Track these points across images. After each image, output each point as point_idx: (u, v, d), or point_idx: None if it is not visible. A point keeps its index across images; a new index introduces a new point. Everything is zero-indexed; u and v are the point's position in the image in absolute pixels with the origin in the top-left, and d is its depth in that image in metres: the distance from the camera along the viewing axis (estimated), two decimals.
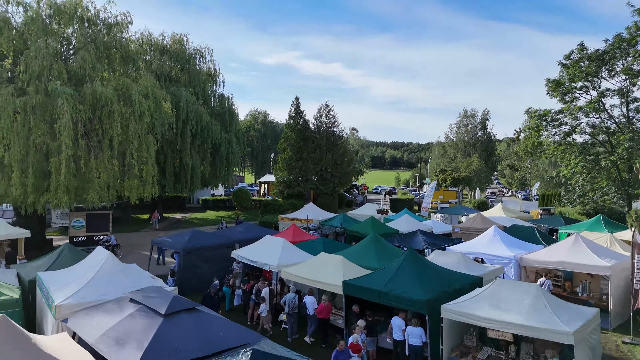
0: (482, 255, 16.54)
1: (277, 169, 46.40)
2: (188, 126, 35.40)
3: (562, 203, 32.88)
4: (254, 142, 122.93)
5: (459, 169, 71.02)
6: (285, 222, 26.28)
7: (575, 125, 30.65)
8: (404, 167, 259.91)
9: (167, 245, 18.93)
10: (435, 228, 23.37)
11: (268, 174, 62.57)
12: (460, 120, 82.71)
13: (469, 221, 22.53)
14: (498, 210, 28.46)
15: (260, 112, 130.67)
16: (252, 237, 20.43)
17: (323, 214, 26.45)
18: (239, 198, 44.68)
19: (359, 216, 28.68)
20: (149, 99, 26.56)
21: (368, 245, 15.49)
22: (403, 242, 19.48)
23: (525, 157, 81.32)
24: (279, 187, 44.91)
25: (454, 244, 19.47)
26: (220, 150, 38.95)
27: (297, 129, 45.65)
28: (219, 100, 42.60)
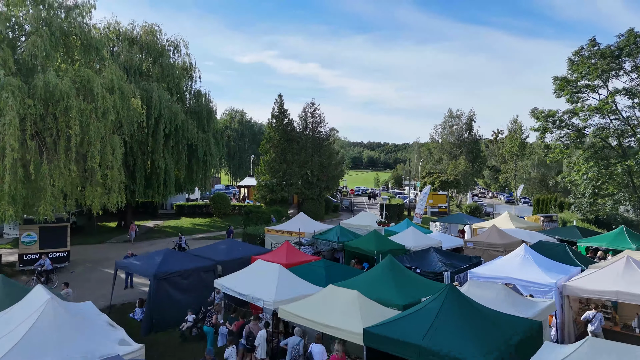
0: (514, 281, 14.06)
1: (259, 172, 43.33)
2: (161, 125, 32.03)
3: (571, 210, 31.05)
4: (230, 142, 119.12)
5: (446, 171, 69.31)
6: (273, 234, 23.36)
7: (583, 127, 28.82)
8: (381, 168, 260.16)
9: (134, 270, 15.75)
10: (444, 242, 20.90)
11: (248, 176, 59.31)
12: (445, 121, 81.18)
13: (484, 235, 20.15)
14: (506, 221, 26.27)
15: (237, 111, 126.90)
16: (237, 257, 17.50)
17: (316, 226, 23.63)
18: (217, 204, 41.40)
19: (356, 227, 25.98)
20: (115, 93, 23.21)
21: (384, 273, 12.77)
22: (415, 262, 16.86)
23: (511, 159, 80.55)
24: (261, 192, 41.85)
25: (473, 263, 17.00)
26: (197, 152, 35.66)
27: (281, 129, 42.68)
28: (195, 97, 39.24)
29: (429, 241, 20.39)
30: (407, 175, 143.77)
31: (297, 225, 22.95)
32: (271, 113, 43.56)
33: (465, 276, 16.36)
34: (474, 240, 20.10)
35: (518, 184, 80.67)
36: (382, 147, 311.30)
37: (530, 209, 48.73)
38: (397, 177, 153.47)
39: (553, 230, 24.88)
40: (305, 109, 44.88)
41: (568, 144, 29.88)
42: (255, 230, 24.87)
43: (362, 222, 26.38)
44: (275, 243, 22.08)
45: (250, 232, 24.73)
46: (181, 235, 26.01)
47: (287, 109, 43.34)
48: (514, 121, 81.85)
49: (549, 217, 34.40)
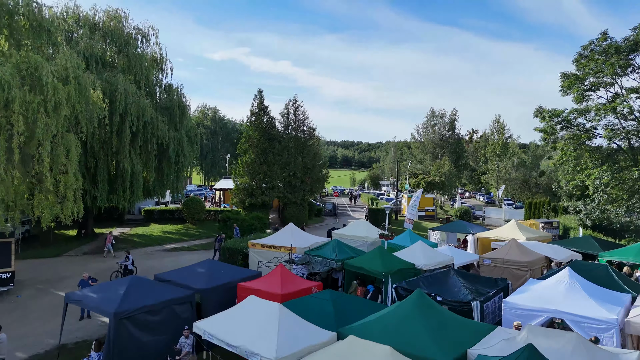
0: (563, 315, 11.68)
1: (237, 173, 40.11)
2: (127, 122, 28.49)
3: (580, 217, 29.27)
4: (203, 140, 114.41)
5: (429, 172, 67.60)
6: (258, 249, 20.40)
7: (592, 127, 27.02)
8: (356, 167, 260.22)
9: (89, 306, 12.53)
10: (456, 258, 18.45)
11: (224, 178, 55.82)
12: (427, 121, 79.66)
13: (503, 250, 17.79)
14: (513, 230, 24.14)
15: (210, 108, 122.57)
16: (220, 283, 14.53)
17: (308, 239, 20.78)
18: (190, 209, 37.99)
19: (349, 239, 23.32)
20: (70, 84, 19.76)
21: (413, 313, 10.08)
22: (433, 287, 14.31)
23: (493, 159, 79.69)
24: (239, 196, 38.66)
25: (499, 287, 14.57)
26: (168, 152, 32.20)
27: (261, 127, 39.58)
28: (166, 92, 35.67)
29: (441, 258, 17.91)
30: (382, 175, 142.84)
31: (286, 239, 20.06)
32: (250, 110, 40.44)
33: (494, 305, 13.93)
34: (491, 256, 17.73)
35: (499, 185, 80.00)
36: (356, 146, 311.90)
37: (521, 212, 47.24)
38: (374, 177, 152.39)
39: (566, 241, 22.87)
40: (287, 106, 41.96)
41: (577, 145, 28.00)
42: (237, 244, 21.80)
43: (356, 233, 23.71)
44: (263, 261, 19.15)
45: (232, 246, 21.66)
46: (128, 254, 22.04)
47: (268, 105, 40.35)
48: (496, 121, 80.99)
49: (549, 224, 32.64)
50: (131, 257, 21.79)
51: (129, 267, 21.40)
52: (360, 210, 56.82)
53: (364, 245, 23.01)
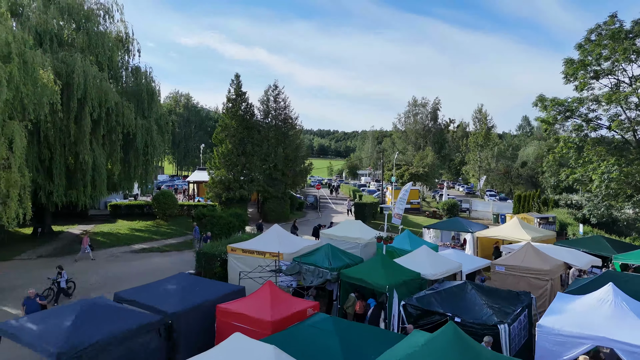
0: (613, 343, 9.81)
1: (213, 165, 37.30)
2: (87, 108, 25.42)
3: (583, 213, 27.93)
4: (175, 128, 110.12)
5: (412, 163, 66.04)
6: (239, 255, 17.95)
7: (596, 117, 25.49)
8: (332, 156, 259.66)
9: (26, 342, 9.89)
10: (463, 264, 16.49)
11: (198, 169, 52.68)
12: (409, 110, 78.01)
13: (518, 256, 15.91)
14: (515, 229, 22.43)
15: (182, 95, 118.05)
16: (196, 303, 12.12)
17: (296, 242, 18.42)
18: (161, 204, 35.05)
19: (340, 240, 21.15)
20: (12, 62, 16.70)
21: (445, 352, 7.93)
22: (449, 305, 12.27)
23: (475, 149, 78.90)
24: (215, 189, 35.93)
25: (524, 304, 12.64)
26: (135, 142, 29.22)
27: (239, 115, 36.79)
28: (133, 75, 32.44)
29: (449, 265, 15.92)
30: (360, 164, 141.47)
31: (272, 243, 17.68)
32: (226, 96, 37.53)
33: (520, 325, 11.99)
34: (505, 263, 15.83)
35: (481, 176, 79.39)
36: (332, 135, 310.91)
37: (509, 205, 46.10)
38: (352, 167, 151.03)
39: (573, 242, 21.28)
40: (267, 92, 39.20)
41: (582, 137, 26.45)
42: (213, 248, 19.26)
43: (348, 233, 21.51)
44: (245, 269, 16.74)
45: (208, 251, 19.12)
46: (61, 270, 17.77)
47: (246, 91, 37.53)
48: (478, 110, 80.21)
49: (545, 219, 31.26)
50: (65, 273, 17.78)
51: (62, 286, 17.57)
52: (342, 202, 54.77)
53: (356, 248, 20.88)
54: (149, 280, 21.20)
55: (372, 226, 36.30)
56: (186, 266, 22.28)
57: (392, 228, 35.93)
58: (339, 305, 15.37)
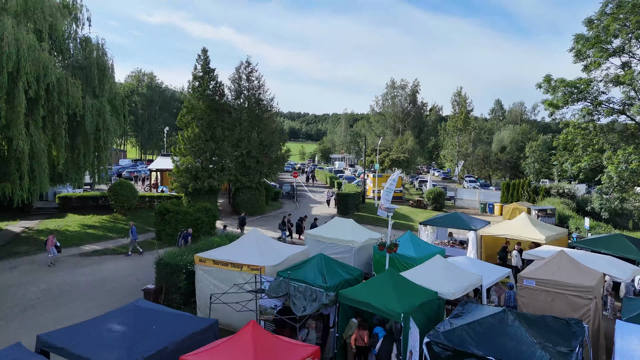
0: None
1: (178, 151, 33.44)
2: (20, 84, 21.20)
3: (597, 207, 25.89)
4: (138, 109, 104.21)
5: (391, 148, 63.59)
6: (208, 267, 14.70)
7: (608, 99, 23.22)
8: (304, 139, 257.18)
9: None
10: (484, 275, 13.80)
11: (161, 156, 48.33)
12: (387, 92, 75.23)
13: (550, 267, 13.28)
14: (525, 226, 20.02)
15: (146, 74, 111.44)
16: (151, 353, 8.84)
17: (281, 251, 15.25)
18: (119, 195, 31.10)
19: (331, 243, 18.27)
20: None
21: None
22: (487, 343, 9.51)
23: (455, 133, 77.25)
24: (181, 179, 32.16)
25: (579, 339, 10.03)
26: (84, 125, 25.14)
27: (207, 95, 32.90)
28: (82, 48, 28.03)
29: (468, 279, 13.18)
30: (332, 149, 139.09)
31: (250, 252, 14.51)
32: (192, 73, 33.49)
33: None
34: (535, 276, 13.22)
35: (459, 160, 78.00)
36: (303, 118, 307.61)
37: (497, 194, 44.26)
38: (325, 150, 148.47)
39: (590, 242, 19.00)
40: (238, 70, 35.32)
41: (590, 121, 24.19)
42: (177, 259, 15.86)
43: (337, 235, 18.56)
44: (217, 285, 13.55)
45: (170, 261, 15.71)
46: None
47: (215, 68, 33.59)
48: (457, 93, 78.26)
49: (543, 211, 29.22)
50: None
51: None
52: (320, 191, 51.81)
53: (349, 253, 18.01)
54: (97, 295, 17.75)
55: (356, 219, 33.52)
56: (146, 274, 18.88)
57: (379, 220, 33.43)
58: (337, 334, 12.44)
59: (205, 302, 14.68)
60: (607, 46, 22.95)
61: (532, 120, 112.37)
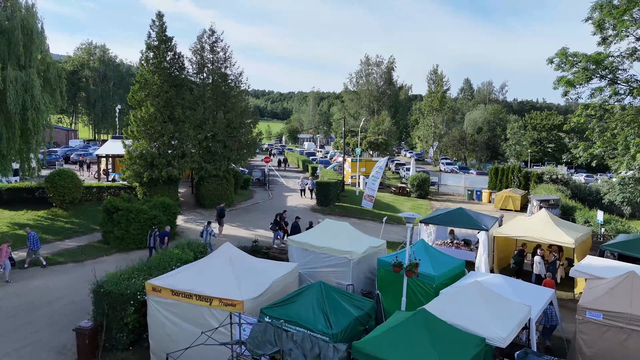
0: None
1: (130, 134, 28.78)
2: None
3: (618, 201, 23.46)
4: (90, 85, 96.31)
5: (367, 129, 60.25)
6: (166, 299, 10.93)
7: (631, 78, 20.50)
8: (269, 117, 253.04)
9: None
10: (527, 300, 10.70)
11: (112, 138, 43.06)
12: (361, 69, 71.44)
13: (620, 294, 10.28)
14: (547, 225, 17.17)
15: (98, 46, 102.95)
16: None
17: (264, 274, 11.58)
18: (58, 187, 26.37)
19: (324, 254, 14.82)
20: None
21: None
22: None
23: (430, 113, 74.68)
24: (134, 167, 27.63)
25: None
26: (6, 103, 20.28)
27: (163, 68, 28.22)
28: (2, 7, 22.78)
29: (517, 312, 9.99)
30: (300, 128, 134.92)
31: (222, 277, 10.81)
32: (146, 42, 28.60)
33: None
34: (602, 307, 10.20)
35: (434, 141, 75.77)
36: (268, 96, 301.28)
37: (484, 179, 41.80)
38: (293, 130, 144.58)
39: (628, 244, 16.26)
40: (200, 39, 30.59)
41: (606, 102, 21.50)
42: (122, 285, 11.89)
43: (330, 243, 15.00)
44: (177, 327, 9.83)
45: (112, 288, 11.76)
46: None
47: (173, 37, 28.85)
48: (433, 71, 75.31)
49: (546, 201, 26.67)
50: None
51: None
52: (294, 177, 48.02)
53: (346, 266, 14.54)
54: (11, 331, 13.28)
55: (339, 212, 30.10)
56: (84, 296, 14.77)
57: (364, 212, 30.06)
58: None
59: (161, 344, 10.96)
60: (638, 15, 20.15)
61: (501, 100, 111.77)
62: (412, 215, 11.30)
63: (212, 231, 20.78)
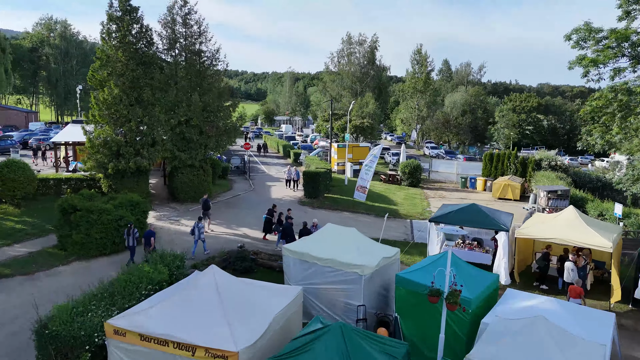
0: None
1: (91, 118, 25.35)
2: None
3: (626, 188, 21.75)
4: (50, 64, 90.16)
5: (350, 112, 57.55)
6: (132, 345, 8.30)
7: None
8: (243, 98, 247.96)
9: None
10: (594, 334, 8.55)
11: (73, 122, 39.14)
12: (343, 48, 68.32)
13: None
14: (574, 224, 15.17)
15: (59, 22, 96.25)
16: None
17: (261, 308, 9.02)
18: (7, 181, 22.99)
19: (328, 267, 12.40)
20: None
21: None
22: None
23: (414, 95, 72.48)
24: (97, 156, 24.36)
25: None
26: None
27: (128, 42, 24.78)
28: None
29: (595, 355, 7.80)
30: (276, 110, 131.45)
31: (211, 316, 8.22)
32: (107, 13, 24.99)
33: None
34: None
35: (417, 124, 73.87)
36: (241, 76, 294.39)
37: (475, 166, 39.94)
38: (269, 112, 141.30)
39: None
40: (171, 10, 27.11)
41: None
42: (76, 324, 9.16)
43: (335, 254, 12.50)
44: None
45: (62, 331, 8.99)
46: None
47: (139, 7, 25.29)
48: (417, 51, 72.80)
49: (554, 192, 24.84)
50: None
51: None
52: (275, 163, 45.20)
53: (355, 283, 12.10)
54: None
55: (329, 205, 27.47)
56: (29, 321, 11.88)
57: (357, 205, 27.62)
58: None
59: None
60: None
61: (478, 82, 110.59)
62: (455, 231, 8.88)
63: (203, 228, 18.47)
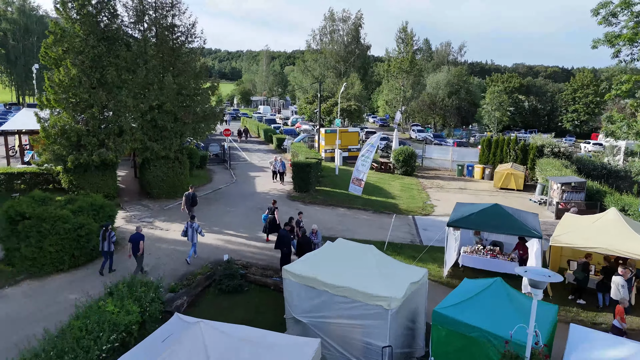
0: None
1: (46, 103, 21.94)
2: None
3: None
4: (9, 41, 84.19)
5: (339, 94, 54.76)
6: None
7: None
8: (217, 77, 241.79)
9: None
10: None
11: (27, 107, 35.24)
12: (326, 26, 64.93)
13: None
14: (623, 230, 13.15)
15: None
16: None
17: None
18: None
19: (342, 297, 9.91)
20: None
21: None
22: None
23: (400, 76, 69.94)
24: (55, 147, 21.12)
25: None
26: None
27: (88, 14, 21.33)
28: None
29: None
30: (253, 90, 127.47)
31: None
32: None
33: None
34: None
35: (402, 105, 71.56)
36: (214, 54, 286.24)
37: (469, 152, 37.94)
38: (245, 92, 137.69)
39: None
40: None
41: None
42: None
43: (352, 281, 10.03)
44: None
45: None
46: None
47: None
48: (402, 30, 70.00)
49: (567, 184, 22.92)
50: None
51: None
52: (257, 150, 42.24)
53: (380, 318, 9.67)
54: None
55: (322, 198, 24.73)
56: None
57: (353, 200, 25.07)
58: None
59: None
60: None
61: (459, 62, 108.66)
62: (548, 277, 6.50)
63: (199, 227, 16.02)
